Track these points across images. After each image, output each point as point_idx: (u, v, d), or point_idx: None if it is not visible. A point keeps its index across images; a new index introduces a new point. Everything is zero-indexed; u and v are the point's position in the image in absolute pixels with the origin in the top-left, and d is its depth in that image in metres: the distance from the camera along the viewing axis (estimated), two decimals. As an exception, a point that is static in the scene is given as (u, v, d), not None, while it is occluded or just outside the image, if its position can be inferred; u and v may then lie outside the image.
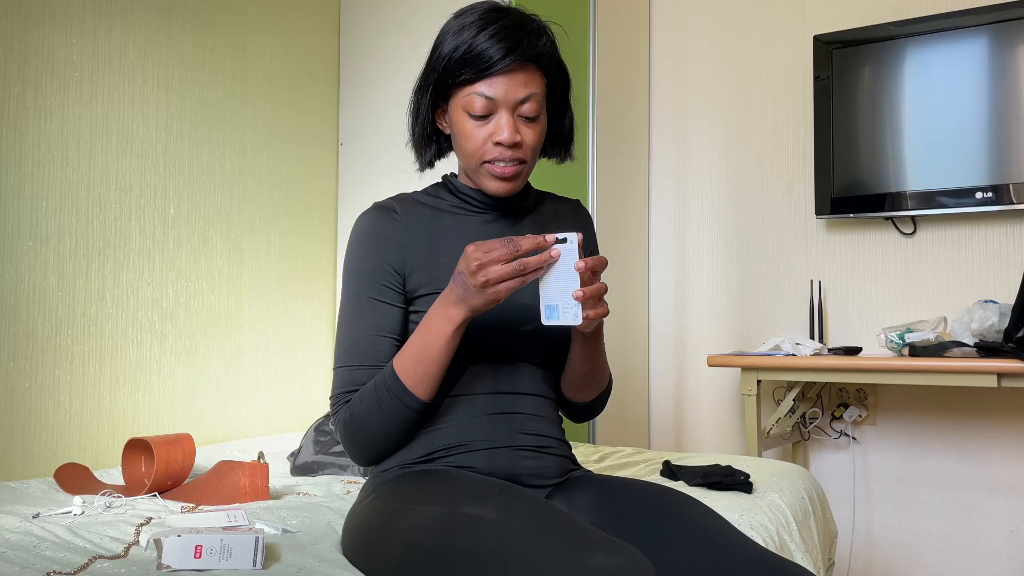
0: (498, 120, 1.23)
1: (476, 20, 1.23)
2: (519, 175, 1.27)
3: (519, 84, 1.22)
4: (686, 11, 3.19)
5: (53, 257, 2.07)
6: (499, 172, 1.25)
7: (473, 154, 1.25)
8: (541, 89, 1.26)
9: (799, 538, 1.59)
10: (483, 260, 1.09)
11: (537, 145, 1.27)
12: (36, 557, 1.20)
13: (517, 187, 1.29)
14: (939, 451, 2.70)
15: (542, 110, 1.27)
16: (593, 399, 1.38)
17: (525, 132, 1.25)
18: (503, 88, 1.22)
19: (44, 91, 2.07)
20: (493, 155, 1.24)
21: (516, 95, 1.22)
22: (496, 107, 1.23)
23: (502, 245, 1.09)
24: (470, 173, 1.30)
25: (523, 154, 1.25)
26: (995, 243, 2.61)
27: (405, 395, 1.19)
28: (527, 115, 1.24)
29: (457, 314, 1.16)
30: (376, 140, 2.85)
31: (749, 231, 3.03)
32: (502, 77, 1.22)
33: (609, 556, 0.94)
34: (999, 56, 2.52)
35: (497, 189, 1.27)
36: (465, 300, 1.14)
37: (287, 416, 2.68)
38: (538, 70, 1.25)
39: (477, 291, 1.11)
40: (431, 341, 1.18)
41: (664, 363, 3.17)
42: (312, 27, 2.85)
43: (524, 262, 1.09)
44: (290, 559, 1.16)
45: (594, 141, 2.82)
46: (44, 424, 2.04)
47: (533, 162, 1.29)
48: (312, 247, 2.80)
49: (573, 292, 1.09)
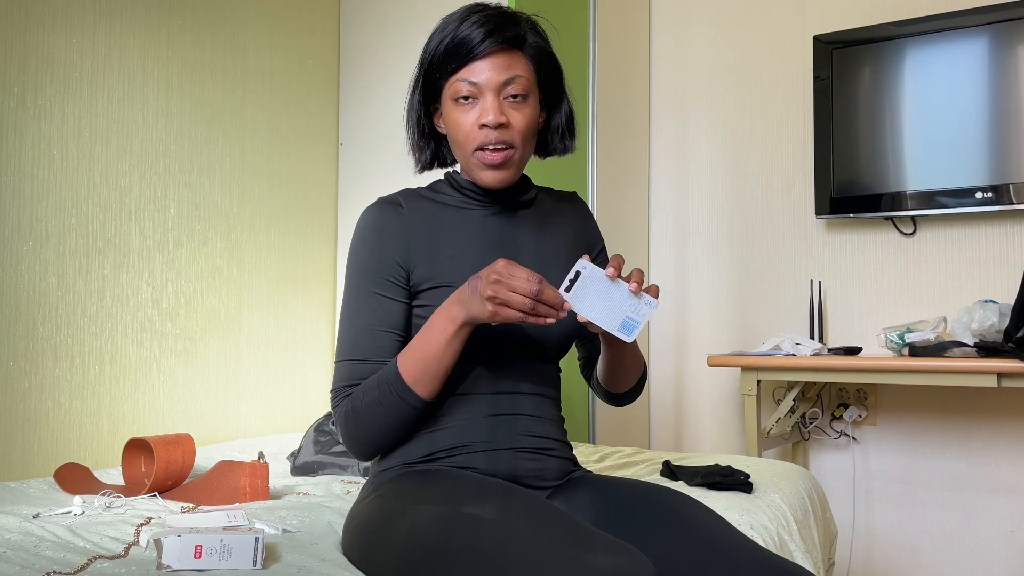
0: (483, 103, 1.24)
1: (459, 15, 1.27)
2: (509, 161, 1.26)
3: (501, 67, 1.24)
4: (686, 11, 3.19)
5: (53, 257, 2.07)
6: (488, 160, 1.25)
7: (463, 143, 1.26)
8: (527, 73, 1.27)
9: (799, 538, 1.59)
10: (504, 280, 1.10)
11: (526, 129, 1.27)
12: (36, 557, 1.20)
13: (510, 176, 1.28)
14: (939, 451, 2.70)
15: (532, 94, 1.28)
16: (635, 384, 1.41)
17: (512, 115, 1.25)
18: (486, 72, 1.24)
19: (44, 91, 2.07)
20: (480, 139, 1.25)
21: (499, 77, 1.24)
22: (481, 91, 1.24)
23: (528, 280, 1.10)
24: (465, 166, 1.30)
25: (511, 137, 1.25)
26: (995, 243, 2.61)
27: (406, 392, 1.19)
28: (513, 95, 1.25)
29: (459, 314, 1.16)
30: (376, 140, 2.85)
31: (749, 231, 3.03)
32: (484, 61, 1.24)
33: (609, 556, 0.94)
34: (999, 56, 2.52)
35: (490, 179, 1.27)
36: (468, 303, 1.14)
37: (287, 416, 2.68)
38: (523, 56, 1.27)
39: (481, 300, 1.12)
40: (433, 339, 1.18)
41: (664, 363, 3.17)
42: (312, 27, 2.85)
43: (535, 307, 1.10)
44: (290, 559, 1.16)
45: (594, 141, 2.82)
46: (44, 424, 2.04)
47: (525, 149, 1.29)
48: (312, 247, 2.80)
49: (629, 290, 1.13)
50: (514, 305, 1.10)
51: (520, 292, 1.09)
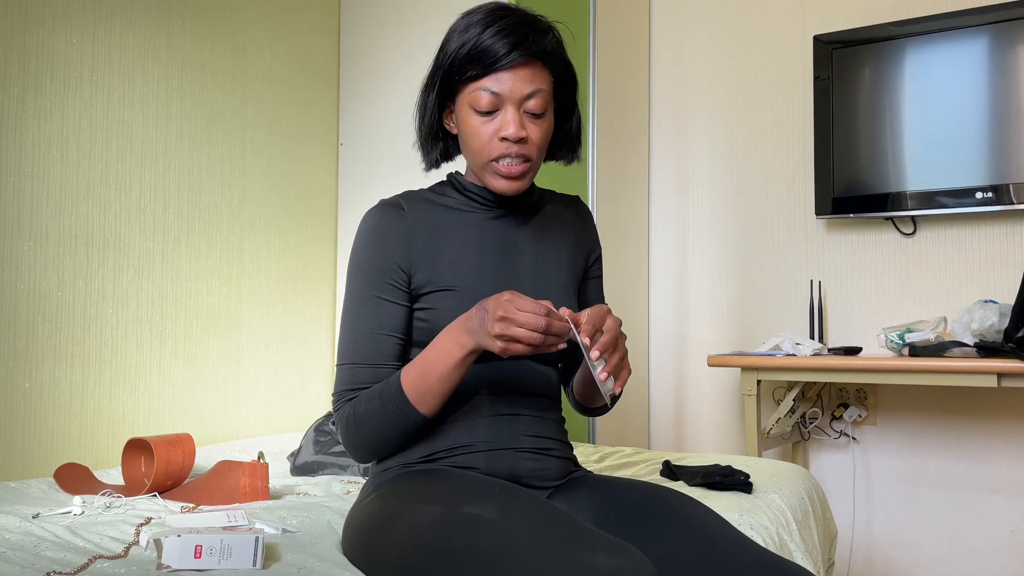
0: (504, 116, 1.23)
1: (482, 18, 1.24)
2: (526, 173, 1.27)
3: (525, 80, 1.22)
4: (686, 11, 3.19)
5: (53, 257, 2.07)
6: (505, 171, 1.25)
7: (480, 151, 1.25)
8: (547, 86, 1.26)
9: (799, 538, 1.59)
10: (510, 316, 1.08)
11: (543, 143, 1.27)
12: (36, 557, 1.20)
13: (524, 186, 1.28)
14: (939, 451, 2.70)
15: (548, 107, 1.27)
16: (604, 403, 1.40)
17: (531, 129, 1.24)
18: (509, 83, 1.22)
19: (44, 91, 2.07)
20: (499, 151, 1.24)
21: (522, 90, 1.22)
22: (502, 103, 1.23)
23: (535, 315, 1.08)
24: (477, 172, 1.29)
25: (529, 151, 1.25)
26: (995, 243, 2.61)
27: (407, 407, 1.19)
28: (533, 111, 1.24)
29: (468, 342, 1.16)
30: (376, 140, 2.85)
31: (749, 231, 3.03)
32: (508, 72, 1.22)
33: (609, 556, 0.94)
34: (999, 56, 2.52)
35: (505, 188, 1.27)
36: (477, 334, 1.14)
37: (287, 416, 2.68)
38: (544, 67, 1.25)
39: (490, 337, 1.11)
40: (439, 362, 1.17)
41: (664, 363, 3.17)
42: (312, 27, 2.85)
43: (544, 339, 1.09)
44: (290, 559, 1.16)
45: (594, 141, 2.82)
46: (44, 424, 2.04)
47: (539, 160, 1.29)
48: (312, 247, 2.80)
49: (599, 375, 1.11)
50: (524, 340, 1.09)
51: (528, 327, 1.08)
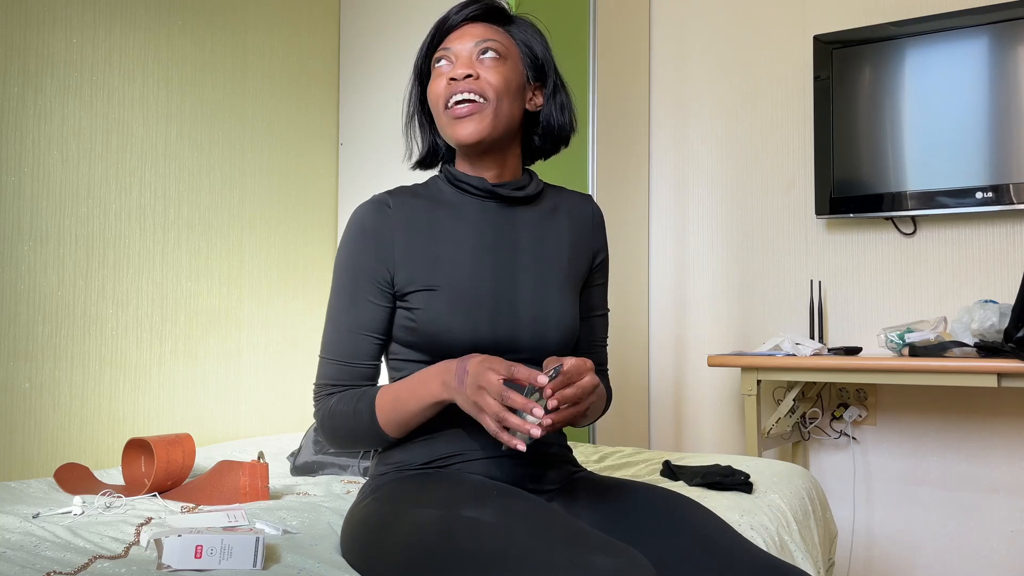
0: (456, 65, 1.27)
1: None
2: (476, 113, 1.24)
3: (476, 34, 1.27)
4: (686, 11, 3.19)
5: (53, 257, 2.07)
6: (456, 112, 1.25)
7: (436, 105, 1.27)
8: (503, 41, 1.28)
9: (799, 538, 1.59)
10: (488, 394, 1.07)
11: (500, 84, 1.25)
12: (36, 557, 1.20)
13: (482, 129, 1.24)
14: (939, 451, 2.70)
15: (510, 58, 1.28)
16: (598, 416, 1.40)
17: (484, 70, 1.26)
18: (459, 39, 1.27)
19: (44, 91, 2.07)
20: (449, 92, 1.25)
21: (472, 41, 1.27)
22: (456, 56, 1.27)
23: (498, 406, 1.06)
24: (442, 132, 1.29)
25: (480, 87, 1.24)
26: (995, 243, 2.61)
27: (377, 428, 1.22)
28: (486, 52, 1.26)
29: (440, 393, 1.17)
30: (376, 140, 2.85)
31: (749, 231, 3.03)
32: (459, 29, 1.28)
33: (609, 557, 0.94)
34: (999, 56, 2.52)
35: (461, 133, 1.25)
36: (452, 391, 1.14)
37: (287, 416, 2.68)
38: (505, 34, 1.29)
39: (468, 402, 1.11)
40: (414, 401, 1.19)
41: (664, 363, 3.17)
42: (312, 27, 2.85)
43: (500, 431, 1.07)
44: (290, 559, 1.16)
45: (594, 141, 2.82)
46: (44, 424, 2.04)
47: (499, 105, 1.25)
48: (312, 247, 2.80)
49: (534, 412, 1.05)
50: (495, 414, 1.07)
51: (491, 411, 1.07)
